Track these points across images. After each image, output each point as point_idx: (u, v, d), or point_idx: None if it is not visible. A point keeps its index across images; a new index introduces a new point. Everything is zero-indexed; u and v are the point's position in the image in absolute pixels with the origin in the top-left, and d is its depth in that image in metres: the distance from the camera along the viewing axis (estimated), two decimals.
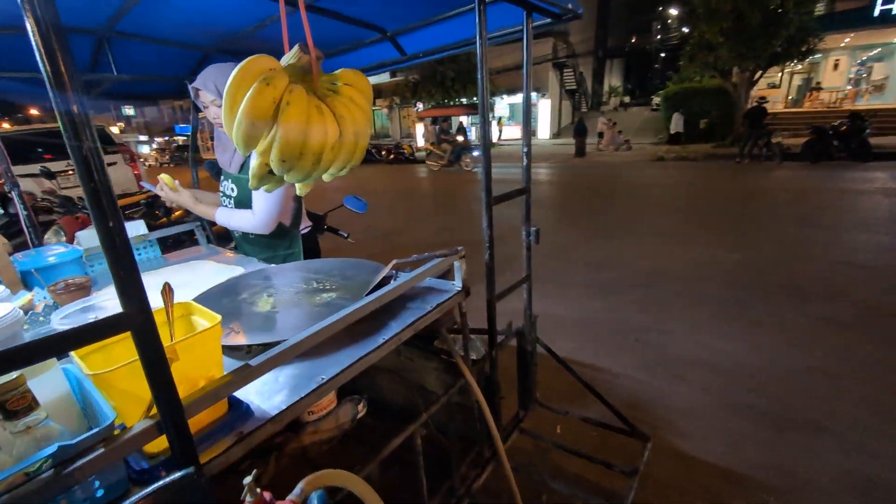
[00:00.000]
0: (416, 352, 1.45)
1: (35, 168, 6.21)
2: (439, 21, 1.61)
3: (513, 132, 21.08)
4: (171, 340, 0.69)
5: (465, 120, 19.15)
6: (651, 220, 5.95)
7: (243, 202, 1.65)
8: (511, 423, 1.72)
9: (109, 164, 7.17)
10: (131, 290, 0.52)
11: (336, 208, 2.42)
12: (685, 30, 16.37)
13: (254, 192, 1.60)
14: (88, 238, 1.87)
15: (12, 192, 2.13)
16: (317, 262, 1.43)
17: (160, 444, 0.63)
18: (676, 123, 14.38)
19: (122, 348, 0.72)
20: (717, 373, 2.45)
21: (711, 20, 11.73)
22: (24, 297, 1.20)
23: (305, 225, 1.85)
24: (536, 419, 1.90)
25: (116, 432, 0.59)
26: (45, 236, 3.41)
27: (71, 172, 6.75)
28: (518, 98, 19.41)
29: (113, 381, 0.58)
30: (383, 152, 17.81)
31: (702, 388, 2.33)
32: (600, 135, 15.61)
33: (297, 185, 0.96)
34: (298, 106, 0.70)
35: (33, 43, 0.43)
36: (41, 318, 1.14)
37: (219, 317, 0.71)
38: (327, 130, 0.74)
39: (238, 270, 1.58)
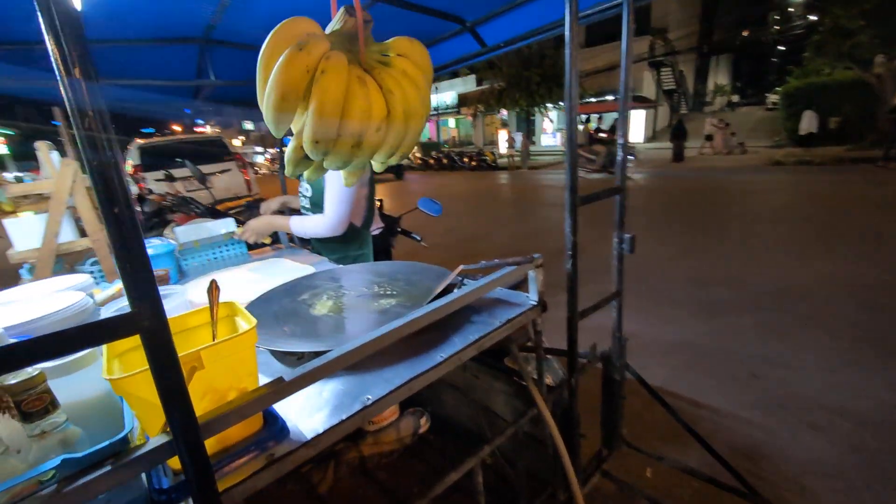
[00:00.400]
0: (482, 368, 1.30)
1: (180, 171, 7.30)
2: (522, 4, 1.46)
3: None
4: (214, 341, 0.63)
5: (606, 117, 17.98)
6: (769, 232, 5.11)
7: (317, 203, 1.65)
8: (591, 463, 1.48)
9: (224, 171, 8.08)
10: (141, 286, 0.45)
11: (410, 211, 2.37)
12: (812, 17, 14.17)
13: (326, 193, 1.58)
14: (183, 233, 2.02)
15: (147, 193, 2.41)
16: (383, 265, 1.35)
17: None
18: (809, 123, 12.18)
19: None
20: (863, 424, 1.93)
21: (849, 2, 10.01)
22: (117, 285, 1.28)
23: (377, 226, 1.81)
24: (622, 461, 1.63)
25: (135, 444, 0.52)
26: (164, 232, 3.88)
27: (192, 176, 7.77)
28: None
29: (129, 387, 0.52)
30: (465, 159, 17.95)
31: (847, 443, 1.84)
32: (708, 137, 14.03)
33: (342, 175, 0.87)
34: (336, 76, 0.60)
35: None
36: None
37: (254, 321, 0.63)
38: (371, 107, 0.63)
39: (308, 270, 1.57)
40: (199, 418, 0.53)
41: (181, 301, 0.99)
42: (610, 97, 18.06)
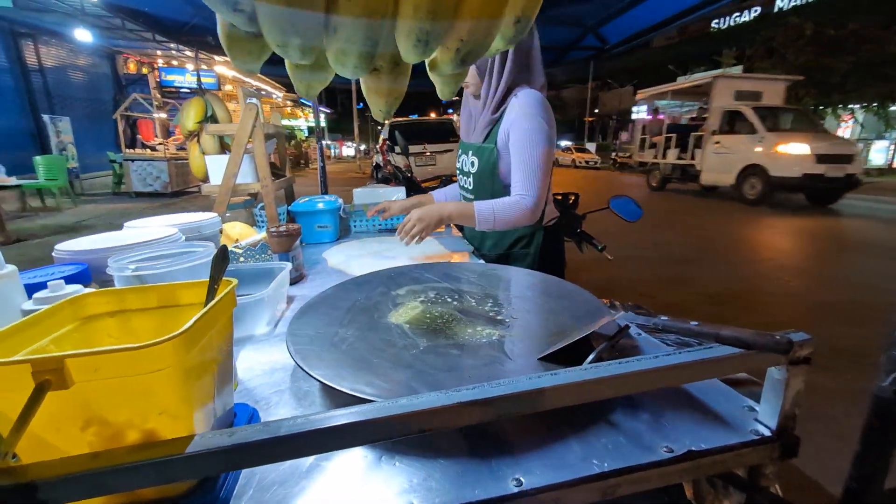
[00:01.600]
0: None
1: (416, 147, 8.57)
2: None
3: None
4: (192, 323, 0.41)
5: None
6: None
7: (483, 175, 1.33)
8: None
9: (446, 151, 8.96)
10: None
11: (599, 210, 1.87)
12: None
13: (515, 161, 1.21)
14: (361, 195, 2.06)
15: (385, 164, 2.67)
16: (516, 272, 0.98)
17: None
18: None
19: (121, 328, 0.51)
20: None
21: None
22: (262, 234, 1.29)
23: (551, 216, 1.38)
24: None
25: None
26: None
27: (427, 153, 8.87)
28: None
29: None
30: None
31: None
32: None
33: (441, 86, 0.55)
34: None
35: None
36: (256, 256, 1.18)
37: (183, 328, 0.38)
38: None
39: (438, 257, 1.33)
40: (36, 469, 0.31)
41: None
42: None
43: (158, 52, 12.36)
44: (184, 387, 0.39)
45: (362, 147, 25.26)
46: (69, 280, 0.58)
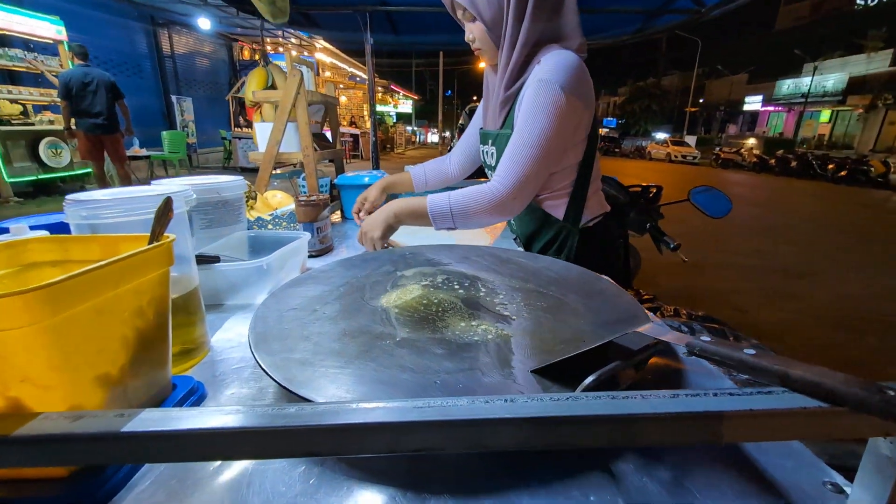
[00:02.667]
0: None
1: None
2: None
3: None
4: (62, 279, 0.35)
5: None
6: None
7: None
8: None
9: None
10: None
11: (677, 202, 1.59)
12: None
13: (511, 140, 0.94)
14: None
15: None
16: (549, 263, 0.82)
17: None
18: None
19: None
20: None
21: None
22: (292, 206, 1.27)
23: (595, 214, 1.12)
24: None
25: None
26: None
27: None
28: None
29: None
30: (831, 166, 12.89)
31: None
32: None
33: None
34: None
35: None
36: (284, 224, 1.16)
37: (46, 283, 0.31)
38: None
39: (482, 239, 1.21)
40: None
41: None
42: None
43: (268, 40, 13.46)
44: (53, 352, 0.33)
45: (446, 133, 25.41)
46: (52, 230, 0.57)
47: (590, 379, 0.37)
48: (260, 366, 0.45)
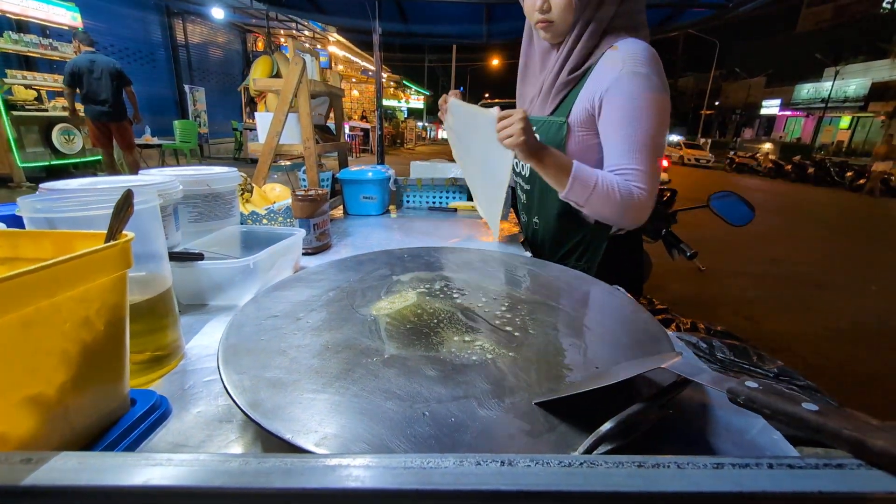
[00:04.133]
0: None
1: None
2: None
3: None
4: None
5: None
6: None
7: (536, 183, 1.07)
8: None
9: None
10: None
11: (696, 208, 1.51)
12: None
13: (617, 138, 0.86)
14: (419, 168, 1.95)
15: None
16: (562, 273, 0.76)
17: None
18: None
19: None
20: None
21: None
22: (288, 202, 1.22)
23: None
24: None
25: None
26: None
27: None
28: None
29: None
30: (849, 174, 12.58)
31: None
32: None
33: None
34: None
35: None
36: (280, 220, 1.11)
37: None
38: None
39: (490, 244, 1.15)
40: None
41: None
42: None
43: (282, 31, 13.44)
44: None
45: None
46: (9, 223, 0.52)
47: (608, 426, 0.31)
48: (224, 387, 0.39)
